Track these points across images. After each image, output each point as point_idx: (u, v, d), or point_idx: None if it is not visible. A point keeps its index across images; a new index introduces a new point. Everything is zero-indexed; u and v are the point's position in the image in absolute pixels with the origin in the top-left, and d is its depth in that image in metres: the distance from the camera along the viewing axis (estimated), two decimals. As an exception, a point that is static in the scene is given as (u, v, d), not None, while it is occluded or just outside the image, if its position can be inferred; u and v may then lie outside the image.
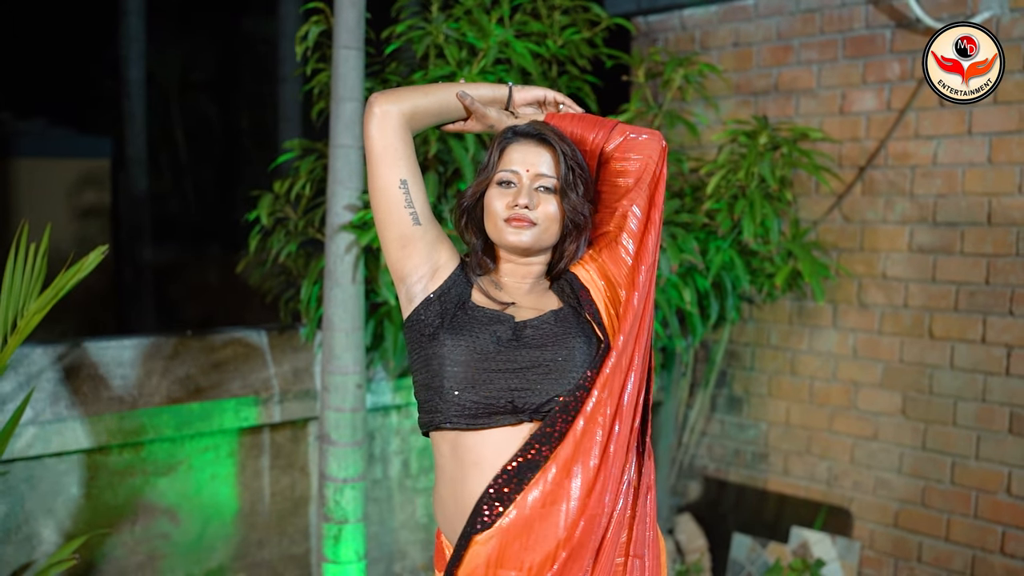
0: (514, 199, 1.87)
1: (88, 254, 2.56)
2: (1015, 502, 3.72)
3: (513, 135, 1.93)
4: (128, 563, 3.29)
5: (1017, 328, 3.70)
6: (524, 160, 1.89)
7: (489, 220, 1.91)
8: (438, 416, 1.82)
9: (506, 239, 1.88)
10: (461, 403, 1.80)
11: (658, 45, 4.72)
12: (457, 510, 1.82)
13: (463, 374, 1.79)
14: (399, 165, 1.85)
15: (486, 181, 1.92)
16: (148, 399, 3.27)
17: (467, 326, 1.84)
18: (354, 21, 3.11)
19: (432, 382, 1.82)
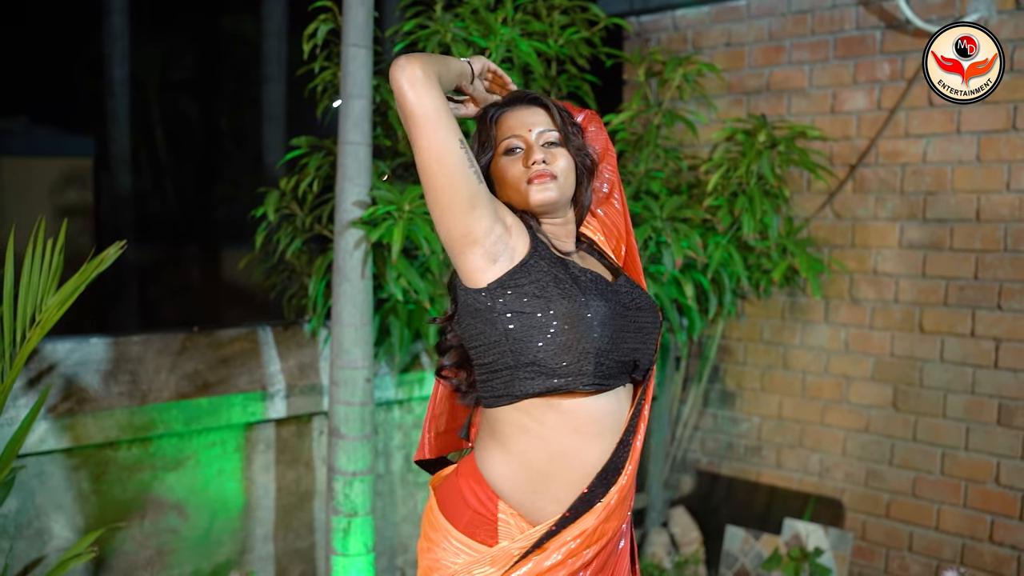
0: (528, 158, 1.91)
1: (108, 248, 2.58)
2: (1004, 491, 3.82)
3: (499, 107, 1.98)
4: (137, 558, 3.30)
5: (1005, 322, 3.80)
6: (523, 123, 1.93)
7: (508, 189, 1.93)
8: (572, 379, 1.80)
9: (534, 198, 1.90)
10: (603, 363, 1.82)
11: (651, 45, 4.79)
12: (562, 476, 1.84)
13: (609, 335, 1.82)
14: (452, 124, 1.77)
15: (490, 156, 1.95)
16: (157, 394, 3.29)
17: (593, 285, 1.87)
18: (363, 19, 3.15)
19: (577, 343, 1.79)
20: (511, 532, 1.87)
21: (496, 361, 1.85)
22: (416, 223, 3.12)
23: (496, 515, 1.88)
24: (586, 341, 1.79)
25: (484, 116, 1.98)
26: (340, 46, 3.20)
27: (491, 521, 1.88)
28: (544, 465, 1.85)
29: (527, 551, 1.84)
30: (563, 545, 1.83)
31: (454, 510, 1.91)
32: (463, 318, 1.90)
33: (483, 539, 1.88)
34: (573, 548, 1.83)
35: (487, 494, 1.88)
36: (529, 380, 1.82)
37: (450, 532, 1.90)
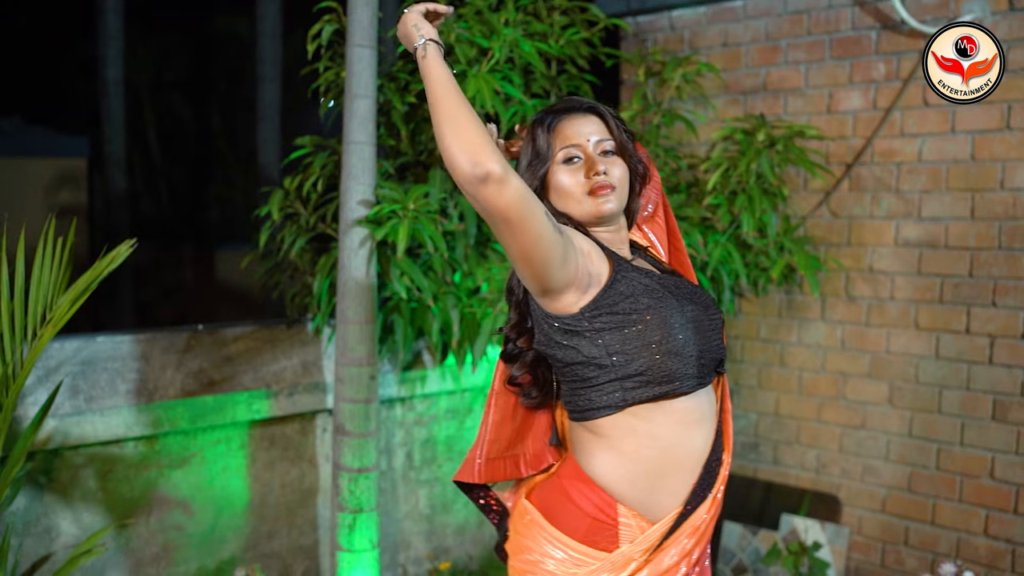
0: (589, 170, 1.91)
1: (119, 246, 2.61)
2: (998, 485, 3.87)
3: (555, 114, 1.97)
4: (144, 554, 3.32)
5: (1000, 319, 3.85)
6: (580, 132, 1.94)
7: (565, 199, 1.93)
8: (678, 383, 1.84)
9: (595, 210, 1.92)
10: (702, 363, 1.88)
11: (648, 45, 4.83)
12: (674, 468, 1.88)
13: (702, 335, 1.89)
14: (536, 204, 1.69)
15: (547, 165, 1.94)
16: (163, 392, 3.31)
17: (678, 289, 1.91)
18: (368, 20, 3.18)
19: (680, 348, 1.83)
20: (632, 534, 1.88)
21: (598, 376, 1.86)
22: (421, 222, 3.15)
23: (617, 519, 1.89)
24: (688, 345, 1.85)
25: (541, 122, 1.97)
26: (344, 47, 3.24)
27: (612, 526, 1.89)
28: (657, 461, 1.88)
29: (649, 552, 1.88)
30: (678, 543, 1.88)
31: (569, 520, 1.90)
32: (553, 340, 1.88)
33: (604, 546, 1.88)
34: (687, 547, 1.90)
35: (604, 499, 1.88)
36: (635, 389, 1.84)
37: (568, 544, 1.89)
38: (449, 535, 4.13)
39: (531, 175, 1.95)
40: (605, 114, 1.99)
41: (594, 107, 1.99)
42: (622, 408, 1.86)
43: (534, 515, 1.95)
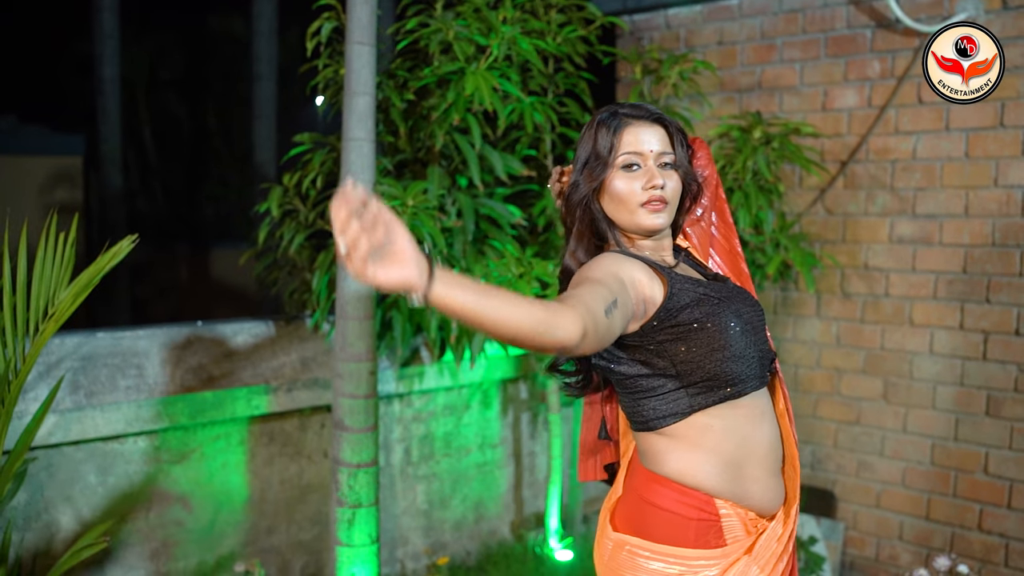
0: (648, 181, 1.91)
1: (120, 241, 2.62)
2: (992, 480, 3.90)
3: (622, 117, 1.94)
4: (143, 549, 3.34)
5: (993, 315, 3.88)
6: (645, 140, 1.92)
7: (618, 205, 1.93)
8: (744, 384, 1.88)
9: (646, 223, 1.92)
10: (763, 362, 1.93)
11: (644, 43, 4.85)
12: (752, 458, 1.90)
13: (759, 335, 1.94)
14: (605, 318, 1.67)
15: (607, 169, 1.92)
16: (164, 388, 3.32)
17: (734, 294, 1.94)
18: (367, 18, 3.19)
19: (743, 351, 1.86)
20: (734, 525, 1.90)
21: (663, 385, 1.88)
22: (419, 218, 3.16)
23: (718, 513, 1.89)
24: (748, 347, 1.88)
25: (606, 124, 1.94)
26: (343, 44, 3.25)
27: (716, 522, 1.88)
28: (736, 452, 1.89)
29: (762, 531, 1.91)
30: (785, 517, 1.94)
31: (672, 531, 1.88)
32: (615, 356, 1.90)
33: (715, 543, 1.88)
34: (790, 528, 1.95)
35: (700, 498, 1.88)
36: (701, 395, 1.86)
37: (681, 555, 1.87)
38: (447, 530, 4.15)
39: (589, 176, 1.94)
40: (670, 127, 1.98)
41: (661, 118, 1.97)
42: (689, 414, 1.87)
43: (632, 542, 1.91)
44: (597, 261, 1.85)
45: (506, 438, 4.32)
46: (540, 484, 4.45)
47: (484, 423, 4.23)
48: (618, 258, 1.86)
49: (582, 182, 1.95)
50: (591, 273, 1.78)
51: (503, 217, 3.62)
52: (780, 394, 2.04)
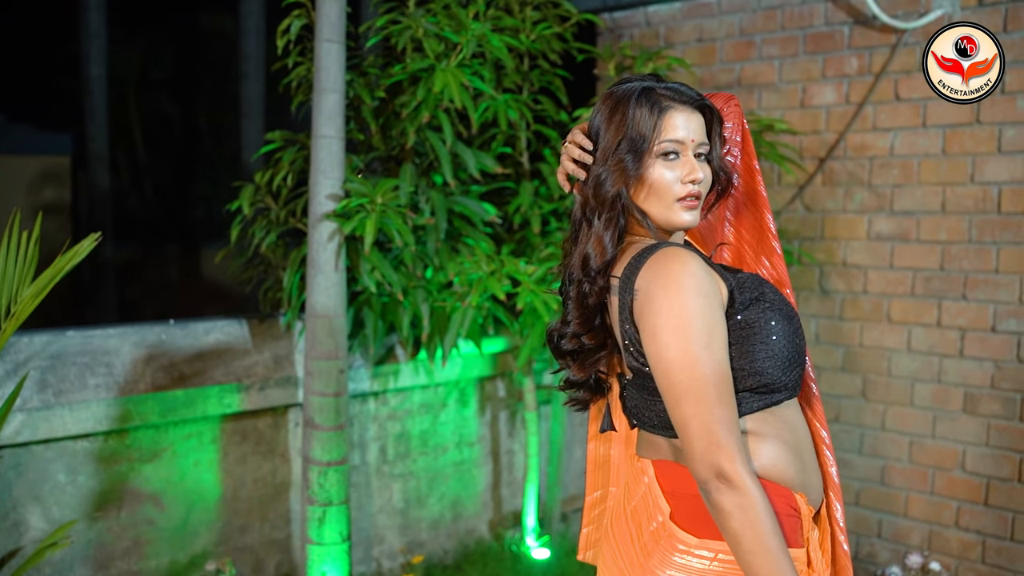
0: (688, 174, 1.76)
1: (82, 240, 2.61)
2: (970, 478, 3.89)
3: (662, 98, 1.77)
4: (114, 548, 3.33)
5: (970, 312, 3.87)
6: (688, 128, 1.76)
7: (655, 196, 1.77)
8: (792, 389, 1.78)
9: (679, 219, 1.78)
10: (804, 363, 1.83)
11: (624, 40, 4.84)
12: (804, 448, 1.77)
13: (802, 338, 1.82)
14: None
15: (647, 149, 1.75)
16: (133, 386, 3.32)
17: (777, 295, 1.80)
18: (336, 15, 3.19)
19: (795, 355, 1.76)
20: (805, 523, 1.76)
21: None
22: (388, 216, 3.16)
23: (799, 508, 1.74)
24: (796, 347, 1.77)
25: (647, 101, 1.77)
26: (313, 42, 3.24)
27: (798, 515, 1.74)
28: (795, 441, 1.77)
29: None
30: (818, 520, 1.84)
31: None
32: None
33: (800, 542, 1.74)
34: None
35: (780, 491, 1.72)
36: (758, 400, 1.74)
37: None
38: (424, 529, 4.14)
39: (633, 160, 1.76)
40: (712, 116, 1.84)
41: (705, 105, 1.82)
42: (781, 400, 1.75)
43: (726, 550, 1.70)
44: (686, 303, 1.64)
45: (484, 436, 4.31)
46: (518, 482, 4.45)
47: (461, 421, 4.22)
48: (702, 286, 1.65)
49: (617, 171, 1.76)
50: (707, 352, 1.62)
51: (476, 215, 3.62)
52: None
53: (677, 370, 1.61)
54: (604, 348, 1.86)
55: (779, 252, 1.99)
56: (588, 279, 1.79)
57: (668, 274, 1.65)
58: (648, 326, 1.65)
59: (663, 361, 1.63)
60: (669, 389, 1.63)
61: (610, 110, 1.79)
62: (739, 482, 1.57)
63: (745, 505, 1.57)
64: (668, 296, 1.63)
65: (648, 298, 1.66)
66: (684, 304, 1.62)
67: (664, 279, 1.65)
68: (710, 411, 1.60)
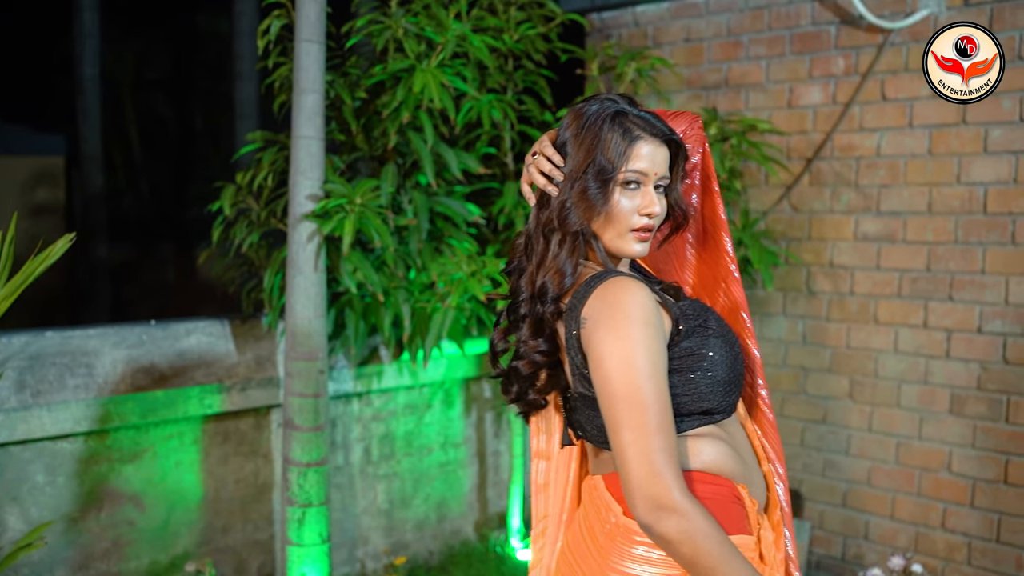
0: (646, 206, 1.77)
1: (56, 242, 2.60)
2: (956, 479, 3.87)
3: (637, 129, 1.77)
4: (94, 549, 3.32)
5: (957, 313, 3.86)
6: (653, 162, 1.77)
7: (610, 222, 1.77)
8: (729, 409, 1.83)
9: (629, 249, 1.79)
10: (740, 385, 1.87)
11: (612, 41, 4.83)
12: (744, 454, 1.83)
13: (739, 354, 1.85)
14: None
15: (612, 177, 1.75)
16: (113, 387, 3.31)
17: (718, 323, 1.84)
18: (315, 15, 3.18)
19: (739, 377, 1.82)
20: (750, 515, 1.78)
21: None
22: (367, 216, 3.15)
23: (742, 498, 1.78)
24: (736, 372, 1.80)
25: (616, 127, 1.76)
26: (293, 42, 3.24)
27: (742, 504, 1.78)
28: (732, 443, 1.81)
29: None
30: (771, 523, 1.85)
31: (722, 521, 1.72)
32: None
33: (749, 529, 1.77)
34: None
35: (722, 481, 1.76)
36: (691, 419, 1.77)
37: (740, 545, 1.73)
38: (408, 530, 4.13)
39: (599, 189, 1.76)
40: (678, 151, 1.84)
41: (673, 141, 1.82)
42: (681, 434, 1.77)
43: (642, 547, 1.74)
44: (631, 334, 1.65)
45: (469, 437, 4.30)
46: (504, 483, 4.43)
47: (447, 422, 4.21)
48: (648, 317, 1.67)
49: (583, 204, 1.76)
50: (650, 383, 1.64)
51: (459, 215, 3.61)
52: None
53: (619, 399, 1.64)
54: (557, 367, 1.87)
55: (736, 276, 2.02)
56: (542, 303, 1.79)
57: (615, 304, 1.67)
58: (594, 355, 1.68)
59: (606, 390, 1.66)
60: (610, 416, 1.66)
61: (581, 129, 1.78)
62: (680, 507, 1.59)
63: (692, 529, 1.59)
64: (614, 326, 1.66)
65: (595, 327, 1.68)
66: (629, 335, 1.65)
67: (611, 309, 1.67)
68: (649, 440, 1.62)
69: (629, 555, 1.73)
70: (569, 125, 1.81)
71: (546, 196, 1.82)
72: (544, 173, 1.82)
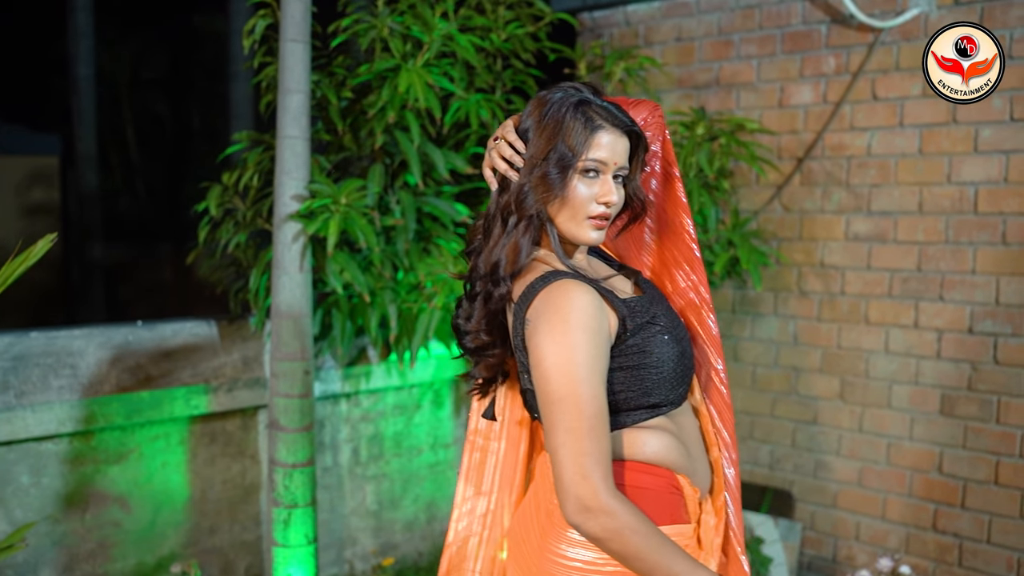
0: (604, 194, 1.80)
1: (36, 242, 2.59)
2: (946, 480, 3.86)
3: (597, 115, 1.80)
4: (79, 551, 3.31)
5: (947, 313, 3.84)
6: (613, 151, 1.79)
7: (568, 208, 1.80)
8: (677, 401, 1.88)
9: (586, 236, 1.82)
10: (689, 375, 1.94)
11: (603, 40, 4.82)
12: (690, 442, 1.88)
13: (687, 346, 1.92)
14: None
15: (573, 164, 1.78)
16: (98, 388, 3.30)
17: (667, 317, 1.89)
18: (300, 14, 3.17)
19: (687, 372, 1.87)
20: (689, 503, 1.84)
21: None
22: (352, 217, 3.14)
23: (681, 488, 1.83)
24: (684, 367, 1.85)
25: (578, 116, 1.79)
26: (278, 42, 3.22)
27: (680, 494, 1.83)
28: (678, 433, 1.86)
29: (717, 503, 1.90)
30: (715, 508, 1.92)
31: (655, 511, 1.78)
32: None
33: (687, 518, 1.85)
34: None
35: (661, 472, 1.82)
36: (638, 412, 1.82)
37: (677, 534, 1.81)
38: (398, 531, 4.12)
39: (558, 175, 1.78)
40: (639, 143, 1.87)
41: (634, 132, 1.85)
42: (628, 426, 1.82)
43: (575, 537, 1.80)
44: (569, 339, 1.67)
45: (459, 438, 4.29)
46: (496, 484, 4.42)
47: (436, 423, 4.20)
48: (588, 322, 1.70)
49: (542, 187, 1.78)
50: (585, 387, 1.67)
51: (447, 215, 3.59)
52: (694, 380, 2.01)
53: (555, 401, 1.67)
54: (503, 346, 1.92)
55: (697, 255, 2.05)
56: (494, 282, 1.83)
57: (556, 309, 1.71)
58: (534, 356, 1.72)
59: (543, 391, 1.70)
60: (546, 416, 1.70)
61: (544, 116, 1.81)
62: (606, 508, 1.63)
63: (618, 527, 1.64)
64: (553, 330, 1.69)
65: (535, 329, 1.72)
66: (567, 340, 1.68)
67: (552, 313, 1.71)
68: (580, 443, 1.65)
69: (565, 538, 1.79)
70: (532, 112, 1.84)
71: (507, 181, 1.85)
72: (505, 158, 1.84)
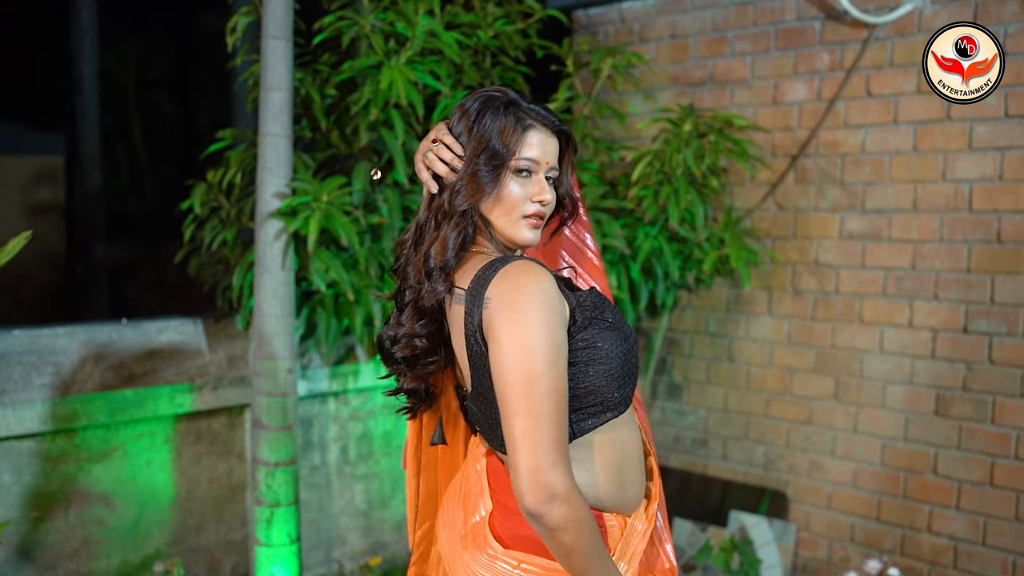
0: (537, 193, 1.80)
1: (13, 239, 2.58)
2: (941, 481, 3.81)
3: (527, 116, 1.81)
4: (62, 549, 3.31)
5: (942, 312, 3.79)
6: (544, 152, 1.81)
7: (503, 208, 1.80)
8: (626, 404, 1.84)
9: (522, 236, 1.81)
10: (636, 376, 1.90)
11: (598, 38, 4.79)
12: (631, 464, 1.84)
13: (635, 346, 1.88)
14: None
15: (505, 163, 1.79)
16: (81, 386, 3.29)
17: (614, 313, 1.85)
18: (282, 12, 3.15)
19: (633, 369, 1.82)
20: (615, 534, 1.83)
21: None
22: (333, 214, 3.12)
23: (606, 526, 1.82)
24: (631, 364, 1.81)
25: (508, 115, 1.80)
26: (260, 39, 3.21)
27: (604, 534, 1.82)
28: (620, 463, 1.82)
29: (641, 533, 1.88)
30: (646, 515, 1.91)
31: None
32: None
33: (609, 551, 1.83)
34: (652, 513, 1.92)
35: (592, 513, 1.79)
36: (591, 419, 1.78)
37: None
38: (387, 530, 4.10)
39: (490, 173, 1.78)
40: (568, 144, 1.89)
41: (565, 132, 1.87)
42: (579, 436, 1.78)
43: (530, 560, 1.77)
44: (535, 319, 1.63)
45: (450, 437, 4.26)
46: (487, 484, 4.39)
47: (426, 422, 4.17)
48: (552, 303, 1.66)
49: (473, 184, 1.78)
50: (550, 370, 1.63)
51: (433, 213, 3.56)
52: None
53: (519, 384, 1.62)
54: (437, 355, 1.89)
55: (599, 265, 2.09)
56: (427, 279, 1.80)
57: (518, 287, 1.66)
58: (495, 338, 1.66)
59: (504, 376, 1.64)
60: (507, 403, 1.64)
61: (475, 116, 1.81)
62: (569, 496, 1.62)
63: (576, 518, 1.63)
64: (517, 310, 1.64)
65: (497, 309, 1.66)
66: (530, 319, 1.63)
67: (513, 292, 1.66)
68: (544, 429, 1.61)
69: (479, 560, 1.80)
70: (463, 114, 1.83)
71: (443, 183, 1.83)
72: (445, 160, 1.82)
